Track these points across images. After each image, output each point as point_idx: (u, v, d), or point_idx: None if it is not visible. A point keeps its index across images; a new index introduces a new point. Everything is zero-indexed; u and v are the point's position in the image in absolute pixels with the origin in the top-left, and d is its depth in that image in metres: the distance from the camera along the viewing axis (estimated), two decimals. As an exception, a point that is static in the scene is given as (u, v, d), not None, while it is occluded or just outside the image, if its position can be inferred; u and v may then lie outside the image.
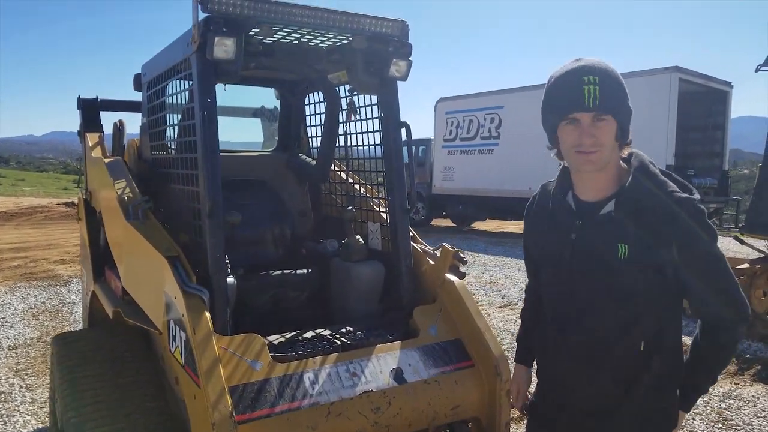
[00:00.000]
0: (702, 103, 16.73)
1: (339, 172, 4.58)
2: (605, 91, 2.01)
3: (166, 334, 3.16)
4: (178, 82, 3.53)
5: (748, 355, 7.02)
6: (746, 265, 7.76)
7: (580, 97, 2.01)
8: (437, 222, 23.34)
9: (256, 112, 5.37)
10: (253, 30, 3.29)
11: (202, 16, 3.05)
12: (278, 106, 5.12)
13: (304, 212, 4.74)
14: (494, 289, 10.82)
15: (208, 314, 2.88)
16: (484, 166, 19.49)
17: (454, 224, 23.02)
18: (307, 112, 4.87)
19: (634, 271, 2.09)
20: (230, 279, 3.33)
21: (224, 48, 3.04)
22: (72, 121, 5.61)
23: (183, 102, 3.50)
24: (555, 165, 2.29)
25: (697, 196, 2.12)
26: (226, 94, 5.23)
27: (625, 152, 2.18)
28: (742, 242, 8.43)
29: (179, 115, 3.62)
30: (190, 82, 3.31)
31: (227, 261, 3.41)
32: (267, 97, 5.44)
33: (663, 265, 2.07)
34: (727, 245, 16.97)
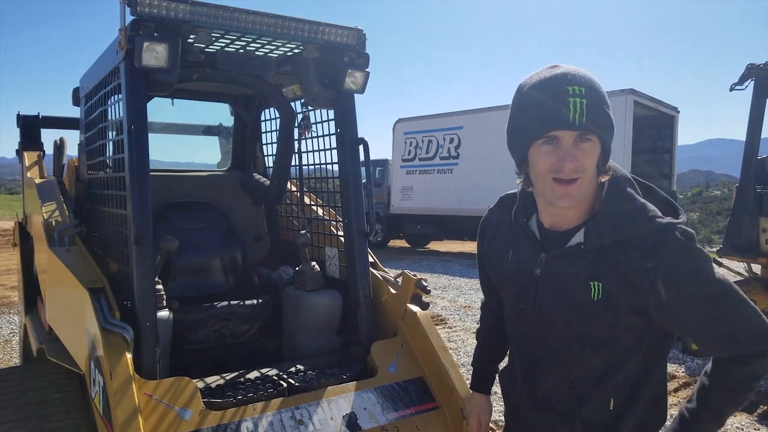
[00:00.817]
0: (652, 126, 17.31)
1: (297, 193, 4.26)
2: (593, 106, 1.64)
3: (88, 377, 2.79)
4: (109, 94, 3.20)
5: (729, 383, 6.76)
6: (725, 288, 7.54)
7: (565, 111, 1.62)
8: (393, 243, 23.05)
9: (207, 130, 5.03)
10: (191, 36, 2.97)
11: (130, 19, 2.73)
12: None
13: (258, 236, 4.40)
14: (469, 314, 10.50)
15: (129, 356, 2.52)
16: (443, 186, 19.63)
17: (409, 245, 22.82)
18: (264, 129, 4.56)
19: (610, 314, 1.74)
20: (163, 313, 2.98)
21: (155, 54, 2.71)
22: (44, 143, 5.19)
23: (115, 116, 3.16)
24: (511, 183, 1.93)
25: (683, 218, 1.76)
26: (182, 111, 4.93)
27: (603, 179, 1.78)
28: (720, 264, 8.22)
29: (113, 132, 3.29)
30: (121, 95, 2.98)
31: (162, 292, 3.06)
32: (226, 114, 5.14)
33: (646, 306, 1.71)
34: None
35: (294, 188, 4.29)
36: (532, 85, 1.73)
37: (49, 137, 5.04)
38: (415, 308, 3.26)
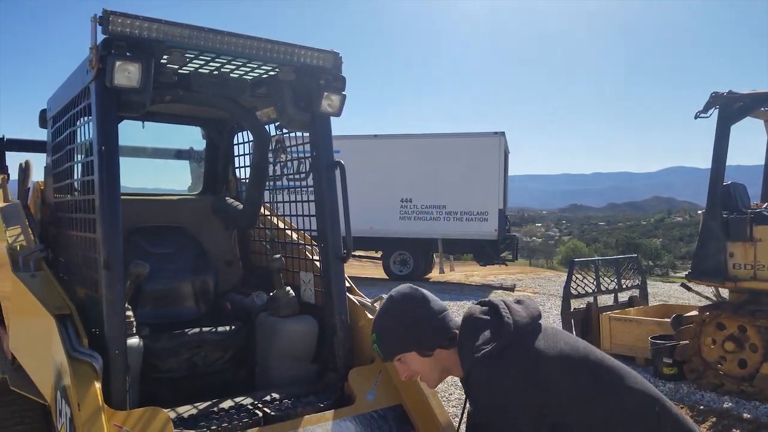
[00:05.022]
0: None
1: (270, 217, 4.18)
2: (385, 345, 2.37)
3: (54, 408, 2.67)
4: (79, 115, 3.11)
5: (701, 407, 6.79)
6: (694, 313, 7.61)
7: (378, 354, 2.44)
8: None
9: (179, 154, 4.94)
10: (164, 57, 2.92)
11: (102, 38, 2.67)
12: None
13: (230, 261, 4.31)
14: (441, 340, 10.42)
15: (98, 385, 2.42)
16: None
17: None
18: (237, 153, 4.49)
19: None
20: (134, 340, 2.87)
21: (127, 74, 2.65)
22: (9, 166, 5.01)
23: (84, 138, 3.08)
24: (394, 205, 2.30)
25: (491, 345, 2.09)
26: (151, 134, 4.83)
27: (453, 348, 2.29)
28: (689, 289, 8.33)
29: (82, 154, 3.20)
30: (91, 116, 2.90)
31: (132, 319, 2.96)
32: (196, 137, 5.05)
33: None
34: (669, 291, 17.12)
35: (267, 212, 4.22)
36: None
37: (14, 160, 4.90)
38: None
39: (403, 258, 18.75)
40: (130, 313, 2.96)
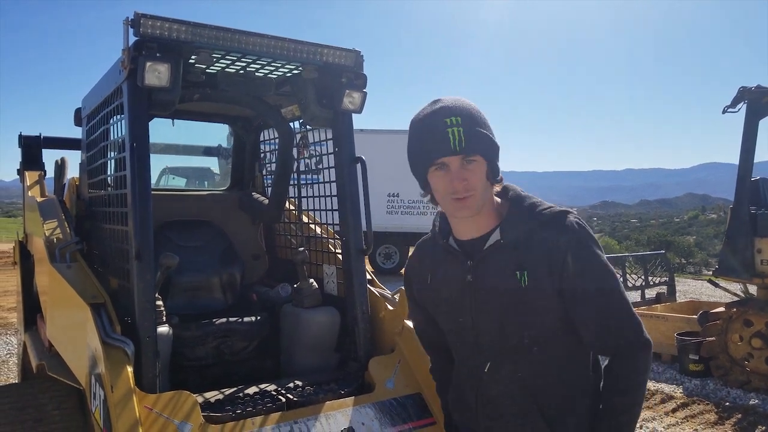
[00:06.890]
0: None
1: (294, 211, 4.30)
2: (470, 132, 1.87)
3: (88, 392, 2.81)
4: (111, 113, 3.26)
5: (727, 403, 6.76)
6: (721, 309, 7.56)
7: (446, 140, 1.86)
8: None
9: (207, 151, 5.09)
10: (192, 57, 3.04)
11: (134, 40, 2.80)
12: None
13: (257, 255, 4.44)
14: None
15: (130, 369, 2.55)
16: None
17: None
18: (263, 149, 4.62)
19: (540, 297, 1.90)
20: (163, 328, 3.01)
21: (157, 74, 2.78)
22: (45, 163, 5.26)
23: (117, 135, 3.22)
24: (381, 200, 2.12)
25: (574, 212, 1.96)
26: (181, 132, 4.99)
27: (498, 188, 2.03)
28: (717, 285, 8.28)
29: (114, 151, 3.35)
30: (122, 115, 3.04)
31: (162, 308, 3.10)
32: (223, 135, 5.20)
33: (560, 283, 1.88)
34: (700, 289, 16.90)
35: (292, 207, 4.34)
36: (419, 120, 1.96)
37: (50, 158, 5.11)
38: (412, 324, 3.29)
39: (389, 252, 18.84)
40: (160, 302, 3.10)
